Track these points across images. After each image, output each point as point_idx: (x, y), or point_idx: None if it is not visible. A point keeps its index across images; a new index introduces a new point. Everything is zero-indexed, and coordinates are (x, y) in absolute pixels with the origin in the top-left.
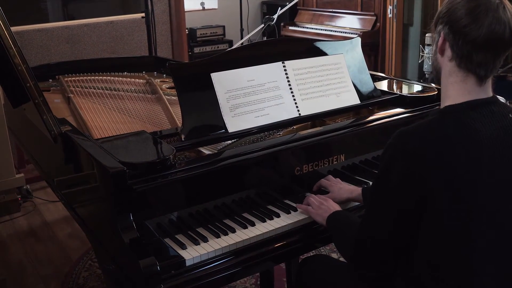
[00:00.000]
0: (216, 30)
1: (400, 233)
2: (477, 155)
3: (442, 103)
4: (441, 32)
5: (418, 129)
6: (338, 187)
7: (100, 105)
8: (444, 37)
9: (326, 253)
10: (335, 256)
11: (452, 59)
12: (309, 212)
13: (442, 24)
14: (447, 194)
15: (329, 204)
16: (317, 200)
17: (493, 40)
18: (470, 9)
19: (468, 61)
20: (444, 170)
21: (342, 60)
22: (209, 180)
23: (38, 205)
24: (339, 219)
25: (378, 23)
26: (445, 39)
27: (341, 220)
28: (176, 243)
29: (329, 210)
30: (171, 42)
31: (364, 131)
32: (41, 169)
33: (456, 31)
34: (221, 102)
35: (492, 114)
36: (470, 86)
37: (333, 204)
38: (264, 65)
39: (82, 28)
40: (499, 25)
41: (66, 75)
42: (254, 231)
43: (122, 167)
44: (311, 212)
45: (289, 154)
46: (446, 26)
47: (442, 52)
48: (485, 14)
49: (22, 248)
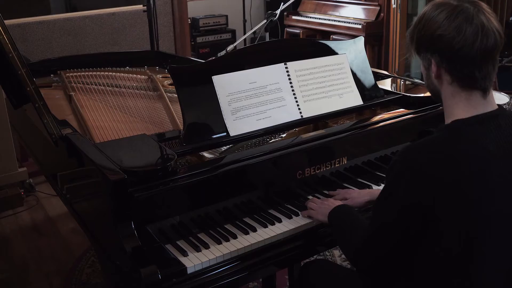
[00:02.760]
0: (218, 19)
1: (402, 247)
2: (485, 172)
3: (446, 120)
4: (431, 60)
5: (425, 146)
6: (356, 191)
7: (101, 103)
8: (437, 65)
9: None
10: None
11: (452, 82)
12: (311, 213)
13: (428, 52)
14: (453, 211)
15: (330, 202)
16: (318, 201)
17: (489, 51)
18: (454, 30)
19: (471, 80)
20: (451, 187)
21: (345, 60)
22: (211, 185)
23: (41, 199)
24: (341, 216)
25: (382, 13)
26: (439, 66)
27: (343, 217)
28: (178, 250)
29: (330, 207)
30: (173, 33)
31: (367, 133)
32: (42, 167)
33: (450, 57)
34: (223, 105)
35: (499, 128)
36: (475, 101)
37: (334, 202)
38: (266, 66)
39: (83, 20)
40: (488, 36)
41: (67, 70)
42: (255, 237)
43: (123, 175)
44: (313, 213)
45: (290, 158)
46: (435, 54)
47: (439, 77)
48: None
49: (25, 244)
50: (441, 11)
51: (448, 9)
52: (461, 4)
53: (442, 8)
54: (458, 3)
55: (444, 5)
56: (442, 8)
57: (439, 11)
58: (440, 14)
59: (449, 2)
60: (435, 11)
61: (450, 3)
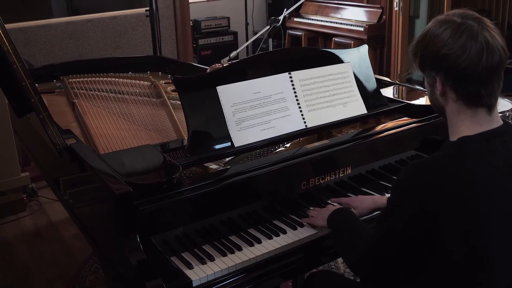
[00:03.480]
0: (220, 21)
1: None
2: (491, 190)
3: (451, 136)
4: (436, 78)
5: (431, 163)
6: (359, 199)
7: (104, 110)
8: (442, 83)
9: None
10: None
11: (458, 99)
12: (311, 220)
13: (433, 70)
14: (459, 229)
15: (329, 207)
16: (318, 208)
17: (495, 69)
18: (459, 49)
19: (476, 98)
20: (457, 205)
21: (349, 68)
22: (216, 197)
23: (43, 204)
24: (340, 218)
25: (384, 16)
26: (444, 84)
27: (342, 219)
28: (183, 262)
29: (330, 211)
30: (175, 36)
31: (371, 143)
32: (44, 173)
33: (455, 76)
34: (227, 115)
35: (505, 144)
36: (481, 118)
37: (334, 207)
38: (270, 76)
39: (86, 24)
40: (494, 53)
41: (70, 76)
42: (260, 249)
43: (128, 188)
44: (312, 220)
45: (295, 169)
46: (440, 73)
47: (444, 94)
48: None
49: (28, 250)
50: (445, 28)
51: (452, 27)
52: (465, 22)
53: (446, 26)
54: (462, 21)
55: (448, 22)
56: (446, 25)
57: (443, 29)
58: (444, 32)
59: (453, 20)
60: (439, 29)
61: (454, 20)
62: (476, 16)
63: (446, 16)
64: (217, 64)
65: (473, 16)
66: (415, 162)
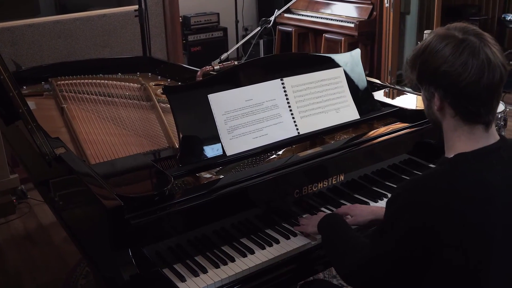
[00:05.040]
0: (210, 17)
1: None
2: (489, 207)
3: (447, 152)
4: (434, 93)
5: (428, 180)
6: (359, 209)
7: (93, 114)
8: (441, 99)
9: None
10: None
11: (455, 115)
12: (302, 228)
13: (432, 86)
14: (457, 247)
15: (320, 215)
16: (309, 216)
17: (495, 87)
18: (460, 66)
19: (475, 115)
20: (454, 223)
21: (342, 73)
22: (208, 208)
23: (33, 206)
24: (331, 224)
25: (374, 12)
26: (442, 100)
27: (334, 226)
28: (175, 275)
29: (320, 218)
30: (165, 34)
31: (363, 150)
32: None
33: (455, 93)
34: (219, 124)
35: (502, 161)
36: (478, 134)
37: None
38: (262, 83)
39: (74, 22)
40: (495, 71)
41: (58, 78)
42: (253, 260)
43: (120, 202)
44: (303, 227)
45: (288, 178)
46: (439, 89)
47: (441, 110)
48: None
49: (19, 254)
50: (446, 44)
51: (453, 43)
52: (467, 38)
53: (447, 41)
54: (463, 36)
55: (450, 37)
56: (448, 41)
57: (444, 44)
58: (445, 48)
59: (454, 35)
60: (440, 44)
61: (456, 36)
62: (477, 32)
63: (447, 31)
64: (208, 67)
65: (474, 31)
66: (411, 179)
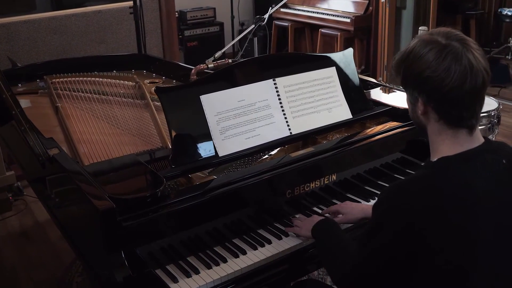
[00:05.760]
0: (206, 12)
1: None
2: (473, 210)
3: (432, 155)
4: (418, 98)
5: (413, 184)
6: (349, 207)
7: (88, 113)
8: (424, 103)
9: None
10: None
11: (439, 119)
12: (295, 230)
13: (415, 90)
14: (442, 250)
15: (314, 217)
16: (303, 217)
17: (478, 91)
18: (443, 71)
19: (458, 119)
20: (439, 226)
21: (334, 73)
22: (200, 210)
23: (29, 203)
24: (325, 229)
25: (370, 7)
26: (426, 105)
27: (329, 230)
28: (168, 276)
29: (314, 221)
30: (161, 30)
31: (355, 150)
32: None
33: (438, 98)
34: (211, 125)
35: (485, 164)
36: (462, 138)
37: (319, 217)
38: (254, 83)
39: (69, 18)
40: (477, 76)
41: (53, 76)
42: (245, 261)
43: (112, 205)
44: (297, 230)
45: (280, 178)
46: (422, 94)
47: (425, 114)
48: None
49: (15, 251)
50: (430, 49)
51: (437, 48)
52: (450, 43)
53: (431, 47)
54: (446, 42)
55: (433, 43)
56: (431, 46)
57: (428, 50)
58: (429, 53)
59: (437, 40)
60: (423, 49)
61: (439, 41)
62: (460, 37)
63: (430, 36)
64: (202, 65)
65: (457, 36)
66: (396, 184)
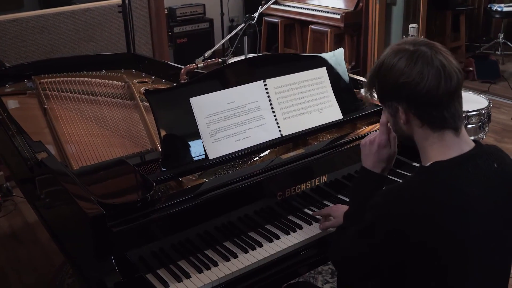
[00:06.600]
0: (196, 8)
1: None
2: (465, 215)
3: (423, 161)
4: (398, 107)
5: (404, 190)
6: (341, 211)
7: (76, 114)
8: (405, 111)
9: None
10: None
11: (422, 125)
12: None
13: (394, 100)
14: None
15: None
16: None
17: (454, 91)
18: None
19: (441, 121)
20: (431, 232)
21: (324, 73)
22: (190, 214)
23: (18, 203)
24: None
25: (361, 3)
26: (407, 112)
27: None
28: (159, 281)
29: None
30: (150, 27)
31: (346, 151)
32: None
33: (417, 102)
34: (201, 127)
35: (477, 168)
36: (449, 140)
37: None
38: (244, 85)
39: (57, 17)
40: (451, 76)
41: (41, 76)
42: (237, 264)
43: (101, 210)
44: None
45: (271, 181)
46: (402, 102)
47: (408, 122)
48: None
49: (4, 253)
50: (400, 58)
51: (406, 55)
52: (418, 49)
53: (401, 55)
54: (414, 48)
55: (402, 51)
56: (401, 55)
57: (398, 58)
58: (399, 61)
59: (405, 48)
60: (394, 59)
61: (407, 48)
62: (427, 42)
63: (398, 46)
64: (192, 65)
65: (424, 42)
66: (391, 188)
